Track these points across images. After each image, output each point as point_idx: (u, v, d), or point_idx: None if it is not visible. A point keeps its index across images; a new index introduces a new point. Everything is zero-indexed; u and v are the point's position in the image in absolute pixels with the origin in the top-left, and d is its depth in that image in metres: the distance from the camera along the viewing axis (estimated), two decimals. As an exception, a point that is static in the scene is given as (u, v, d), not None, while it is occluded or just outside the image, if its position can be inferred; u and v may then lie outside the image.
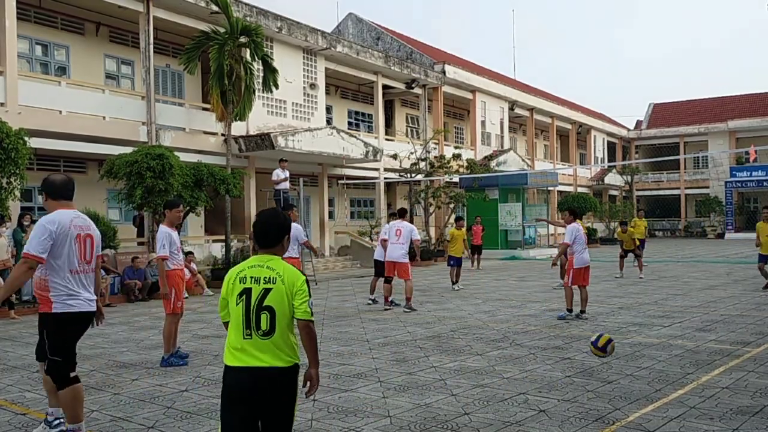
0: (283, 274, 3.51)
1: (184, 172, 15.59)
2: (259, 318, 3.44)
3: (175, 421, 5.50)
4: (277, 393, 3.44)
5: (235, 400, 3.42)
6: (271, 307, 3.45)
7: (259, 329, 3.44)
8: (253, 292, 3.47)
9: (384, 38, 32.89)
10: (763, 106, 47.56)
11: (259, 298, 3.46)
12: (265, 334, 3.43)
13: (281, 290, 3.47)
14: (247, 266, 3.57)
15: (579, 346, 8.31)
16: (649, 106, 54.93)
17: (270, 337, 3.44)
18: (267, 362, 3.41)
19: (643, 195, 49.55)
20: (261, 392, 3.41)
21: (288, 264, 3.62)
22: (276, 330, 3.44)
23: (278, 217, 3.75)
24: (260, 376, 3.40)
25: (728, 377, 6.59)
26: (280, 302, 3.46)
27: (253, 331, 3.44)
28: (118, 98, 17.48)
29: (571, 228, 11.07)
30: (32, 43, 17.54)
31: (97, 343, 9.43)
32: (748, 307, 11.56)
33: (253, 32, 18.01)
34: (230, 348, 3.48)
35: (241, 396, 3.41)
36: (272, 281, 3.49)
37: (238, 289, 3.51)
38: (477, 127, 32.60)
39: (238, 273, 3.55)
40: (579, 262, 10.80)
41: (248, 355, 3.43)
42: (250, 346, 3.44)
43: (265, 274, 3.51)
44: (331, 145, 21.31)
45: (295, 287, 3.50)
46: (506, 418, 5.41)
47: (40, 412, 5.86)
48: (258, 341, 3.43)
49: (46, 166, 17.55)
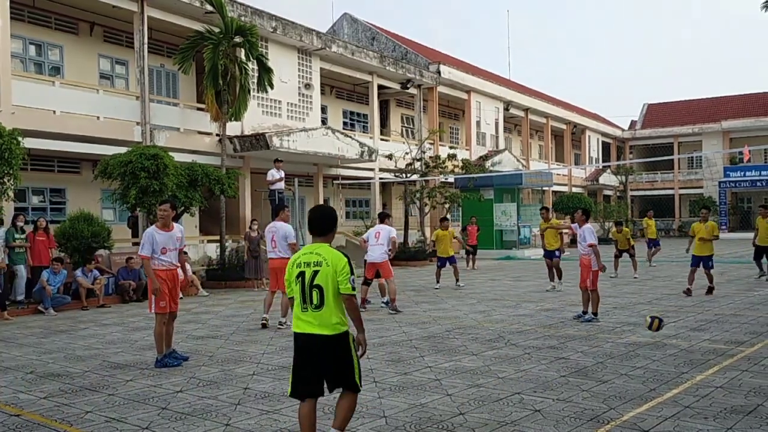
0: (328, 258, 4.37)
1: (179, 172, 15.55)
2: (311, 294, 4.34)
3: (170, 422, 5.49)
4: (328, 353, 4.34)
5: (298, 353, 4.45)
6: (320, 285, 4.33)
7: (312, 303, 4.35)
8: (306, 274, 4.38)
9: (379, 38, 32.89)
10: (757, 107, 47.77)
11: (311, 278, 4.35)
12: (316, 307, 4.34)
13: (327, 271, 4.32)
14: (301, 254, 4.48)
15: (574, 346, 8.32)
16: (644, 107, 55.09)
17: (320, 310, 4.33)
18: (317, 330, 4.33)
19: (637, 195, 49.69)
20: (315, 352, 4.35)
21: (333, 249, 4.45)
22: (325, 304, 4.32)
23: (329, 212, 4.64)
24: (313, 341, 4.35)
25: (722, 377, 6.61)
26: (326, 281, 4.32)
27: (308, 305, 4.37)
28: (112, 98, 17.44)
29: (588, 228, 10.77)
30: (26, 42, 17.47)
31: (92, 344, 9.40)
32: (741, 307, 11.60)
33: (247, 32, 17.99)
34: (295, 317, 4.47)
35: (302, 353, 4.41)
36: (319, 264, 4.36)
37: (295, 272, 4.44)
38: (472, 127, 32.63)
39: (295, 259, 4.50)
40: (595, 264, 10.55)
41: (305, 323, 4.39)
42: (306, 316, 4.38)
43: (313, 259, 4.39)
44: (327, 145, 21.30)
45: (338, 268, 4.34)
46: (501, 418, 5.41)
47: (34, 414, 5.84)
48: (312, 313, 4.36)
49: (40, 166, 17.51)
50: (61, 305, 13.16)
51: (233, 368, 7.51)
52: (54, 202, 18.08)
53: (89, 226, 14.47)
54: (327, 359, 4.35)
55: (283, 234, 10.46)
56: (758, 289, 14.15)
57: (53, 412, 5.86)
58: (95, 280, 13.90)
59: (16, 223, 13.44)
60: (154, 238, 7.69)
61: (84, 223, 14.49)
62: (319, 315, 4.34)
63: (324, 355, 4.35)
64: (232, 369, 7.47)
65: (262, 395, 6.28)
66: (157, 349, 7.76)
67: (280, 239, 10.44)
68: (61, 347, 9.16)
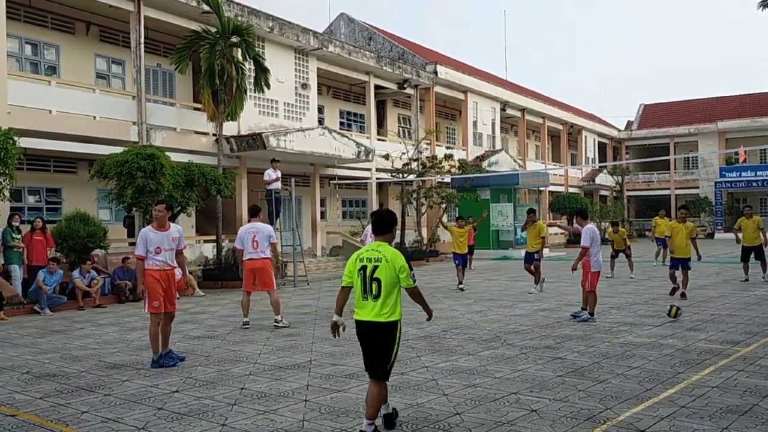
0: (387, 255, 4.99)
1: (175, 172, 15.52)
2: (371, 286, 4.96)
3: (167, 422, 5.48)
4: (378, 336, 4.96)
5: (361, 339, 5.10)
6: (379, 278, 4.95)
7: (371, 293, 4.96)
8: (367, 268, 5.00)
9: (376, 38, 32.89)
10: (753, 107, 47.88)
11: (371, 272, 4.97)
12: (375, 297, 4.95)
13: (386, 267, 4.94)
14: (364, 250, 5.13)
15: (570, 346, 8.34)
16: (640, 107, 55.18)
17: (378, 300, 4.94)
18: (374, 318, 4.95)
19: (633, 195, 49.77)
20: (370, 337, 5.00)
21: (393, 248, 5.08)
22: (382, 295, 4.93)
23: (389, 215, 5.28)
24: (370, 327, 4.98)
25: (718, 376, 6.62)
26: (384, 275, 4.94)
27: (368, 295, 4.98)
28: (108, 98, 17.39)
29: (586, 230, 10.69)
30: (22, 42, 17.42)
31: (88, 344, 9.39)
32: (737, 307, 11.63)
33: (244, 32, 17.97)
34: (356, 307, 5.07)
35: (363, 339, 5.07)
36: (379, 261, 4.98)
37: (358, 266, 5.06)
38: (469, 127, 32.64)
39: (358, 255, 5.14)
40: (597, 265, 10.51)
41: (364, 311, 5.01)
42: (365, 305, 5.00)
43: (374, 255, 5.01)
44: (323, 145, 21.28)
45: (397, 265, 4.95)
46: (498, 417, 5.42)
47: (30, 414, 5.83)
48: (370, 302, 4.97)
49: (36, 166, 17.46)
50: (57, 305, 13.13)
51: (230, 368, 7.50)
52: (50, 202, 18.03)
53: (85, 226, 14.43)
54: (375, 342, 4.98)
55: (267, 234, 10.38)
56: (754, 289, 14.20)
57: (49, 413, 5.85)
58: (92, 280, 13.87)
59: (12, 223, 13.40)
60: (147, 238, 7.69)
61: (80, 223, 14.45)
62: (377, 304, 4.95)
63: (374, 339, 4.98)
64: (229, 369, 7.46)
65: (258, 395, 6.27)
66: (152, 349, 7.76)
67: (263, 239, 10.32)
68: (57, 347, 9.14)
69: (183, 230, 8.31)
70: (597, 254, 10.56)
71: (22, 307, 12.98)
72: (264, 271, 10.37)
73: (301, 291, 16.42)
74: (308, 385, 6.61)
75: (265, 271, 10.39)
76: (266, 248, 10.36)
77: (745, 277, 15.87)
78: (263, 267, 10.35)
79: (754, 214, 16.28)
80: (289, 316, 11.80)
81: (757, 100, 49.02)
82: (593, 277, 10.53)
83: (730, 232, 41.40)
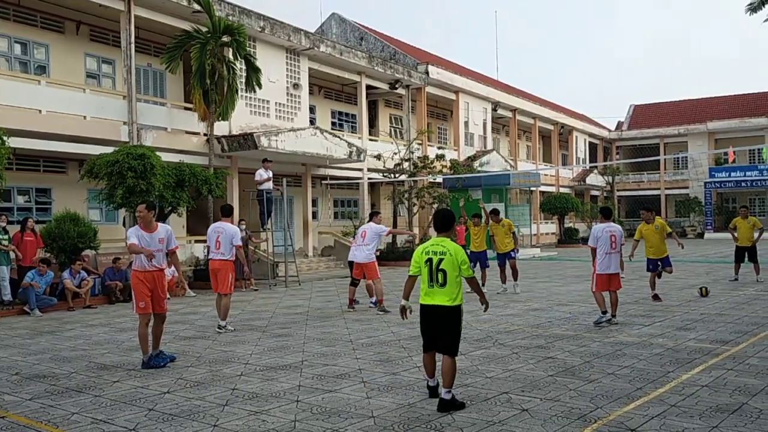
0: (450, 249, 5.82)
1: (166, 172, 15.46)
2: (438, 275, 5.79)
3: (158, 423, 5.46)
4: (445, 319, 5.79)
5: (424, 319, 5.91)
6: (444, 269, 5.77)
7: (438, 282, 5.80)
8: (433, 260, 5.82)
9: (367, 38, 32.88)
10: (742, 108, 48.21)
11: (437, 263, 5.80)
12: (441, 285, 5.79)
13: (450, 259, 5.77)
14: (429, 245, 5.95)
15: (561, 346, 8.37)
16: (630, 108, 55.45)
17: (444, 287, 5.78)
18: (441, 302, 5.79)
19: (624, 195, 49.99)
20: (437, 318, 5.82)
21: (454, 243, 5.89)
22: (447, 283, 5.77)
23: (449, 214, 6.15)
24: (436, 310, 5.81)
25: (708, 375, 6.67)
26: (449, 266, 5.77)
27: (434, 283, 5.81)
28: (99, 97, 17.30)
29: (593, 229, 10.23)
30: (11, 41, 17.31)
31: (78, 344, 9.34)
32: (727, 306, 11.70)
33: (235, 31, 17.92)
34: (422, 293, 5.90)
35: (427, 319, 5.89)
36: (444, 254, 5.81)
37: (425, 258, 5.89)
38: (460, 127, 32.69)
39: (424, 248, 5.96)
40: (599, 266, 9.97)
41: (431, 297, 5.83)
42: (432, 292, 5.83)
43: (439, 249, 5.85)
44: (315, 146, 21.25)
45: (459, 258, 5.79)
46: (489, 417, 5.43)
47: (19, 416, 5.79)
48: (437, 289, 5.81)
49: (26, 166, 17.35)
50: (47, 306, 13.05)
51: (221, 369, 7.48)
52: (40, 202, 17.93)
53: (75, 227, 14.36)
54: (443, 324, 5.79)
55: (230, 235, 10.17)
56: (743, 289, 14.29)
57: (39, 414, 5.82)
58: (82, 281, 13.80)
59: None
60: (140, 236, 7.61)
61: (70, 224, 14.38)
62: (443, 291, 5.76)
63: (441, 321, 5.79)
64: (220, 370, 7.44)
65: (250, 396, 6.26)
66: (142, 350, 7.70)
67: (225, 241, 10.13)
68: (47, 348, 9.09)
69: (172, 230, 8.19)
70: (603, 256, 9.94)
71: (11, 308, 12.89)
72: (221, 273, 10.12)
73: (292, 291, 16.40)
74: (300, 386, 6.60)
75: (221, 273, 10.13)
76: (228, 250, 10.12)
77: (734, 276, 15.96)
78: (221, 268, 10.12)
79: (750, 214, 16.28)
80: (281, 317, 11.79)
81: (746, 100, 49.36)
82: (597, 279, 9.99)
83: (719, 232, 41.77)
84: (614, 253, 9.93)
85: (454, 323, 5.80)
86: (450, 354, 5.75)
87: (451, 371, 5.71)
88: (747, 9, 21.39)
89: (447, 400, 5.66)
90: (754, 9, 21.22)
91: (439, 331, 5.82)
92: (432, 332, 5.88)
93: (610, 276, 9.96)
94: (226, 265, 10.16)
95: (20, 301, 13.02)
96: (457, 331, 5.84)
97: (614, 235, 9.88)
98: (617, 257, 10.00)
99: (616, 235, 9.90)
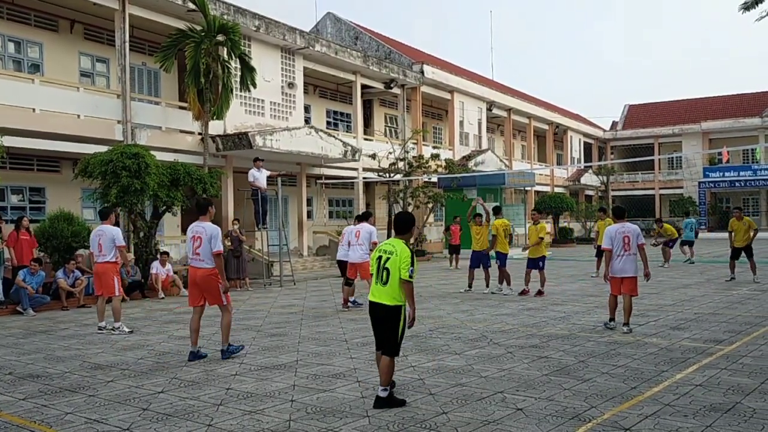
0: (398, 250, 5.77)
1: (161, 171, 15.42)
2: (382, 274, 5.79)
3: (152, 423, 5.45)
4: (384, 318, 5.81)
5: (371, 317, 5.98)
6: (388, 268, 5.77)
7: (381, 280, 5.80)
8: (382, 258, 5.85)
9: (362, 38, 32.85)
10: (736, 108, 48.41)
11: (384, 262, 5.81)
12: (384, 283, 5.79)
13: (395, 259, 5.74)
14: (383, 245, 5.99)
15: (556, 345, 8.38)
16: (625, 108, 55.62)
17: (386, 286, 5.77)
18: (382, 300, 5.79)
19: (618, 195, 50.13)
20: (378, 317, 5.87)
21: (404, 245, 5.85)
22: (389, 283, 5.74)
23: (408, 217, 6.14)
24: (378, 308, 5.83)
25: (701, 375, 6.69)
26: (393, 266, 5.73)
27: (379, 281, 5.83)
28: (93, 96, 17.24)
29: (606, 230, 9.79)
30: (5, 40, 17.24)
31: (72, 344, 9.30)
32: (720, 306, 11.74)
33: (230, 30, 17.87)
34: (371, 289, 5.96)
35: (373, 316, 5.95)
36: (391, 253, 5.79)
37: (376, 255, 5.93)
38: (455, 127, 32.71)
39: (380, 247, 5.98)
40: (612, 269, 9.43)
41: (375, 295, 5.87)
42: (377, 289, 5.85)
43: (389, 249, 5.85)
44: (310, 145, 21.24)
45: (402, 259, 5.70)
46: (484, 417, 5.43)
47: (13, 416, 5.77)
48: (380, 287, 5.81)
49: (19, 165, 17.28)
50: (40, 305, 13.00)
51: (215, 368, 7.47)
52: (33, 201, 17.86)
53: (69, 226, 14.31)
54: (382, 322, 5.83)
55: (111, 237, 10.16)
56: (737, 288, 14.34)
57: (32, 414, 5.80)
58: (76, 280, 13.75)
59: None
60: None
61: (64, 223, 14.33)
62: (385, 289, 5.77)
63: (381, 320, 5.83)
64: (215, 369, 7.43)
65: (244, 395, 6.25)
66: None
67: (107, 243, 10.12)
68: (41, 348, 9.05)
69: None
70: (615, 258, 9.39)
71: (4, 307, 12.84)
72: (104, 276, 10.28)
73: (287, 291, 16.38)
74: (294, 385, 6.59)
75: (104, 276, 10.29)
76: (110, 252, 10.16)
77: (731, 275, 15.98)
78: (103, 271, 10.24)
79: (744, 215, 16.34)
80: (276, 316, 11.78)
81: (740, 100, 49.57)
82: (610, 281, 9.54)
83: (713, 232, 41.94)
84: (627, 255, 9.33)
85: (393, 322, 5.78)
86: (388, 354, 5.78)
87: (386, 370, 5.75)
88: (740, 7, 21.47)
89: (382, 398, 5.72)
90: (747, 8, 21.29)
91: (379, 330, 5.87)
92: (376, 330, 5.94)
93: (623, 279, 9.37)
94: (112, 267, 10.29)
95: (12, 300, 12.96)
96: (396, 331, 5.78)
97: (627, 236, 9.33)
98: (631, 259, 9.37)
99: (630, 236, 9.32)
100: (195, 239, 7.96)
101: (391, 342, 5.78)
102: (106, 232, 10.19)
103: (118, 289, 10.31)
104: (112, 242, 10.11)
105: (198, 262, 7.98)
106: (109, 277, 10.18)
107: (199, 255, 7.94)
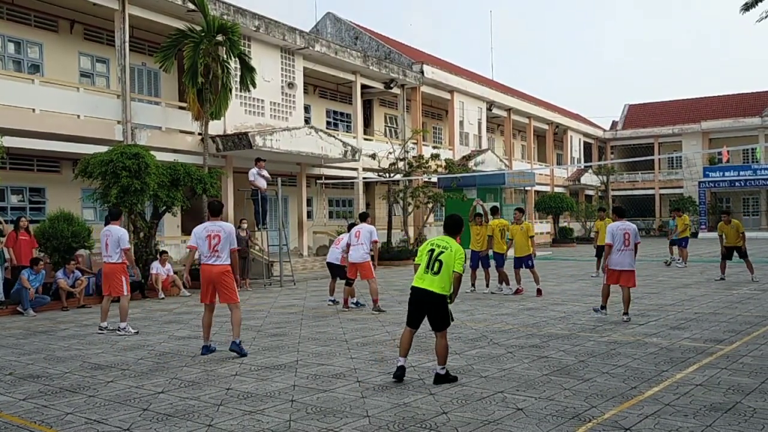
0: (453, 247, 6.65)
1: (161, 171, 15.42)
2: (434, 264, 6.59)
3: (152, 423, 5.45)
4: (433, 305, 6.59)
5: (413, 300, 6.72)
6: (441, 260, 6.57)
7: (432, 270, 6.59)
8: (435, 251, 6.67)
9: (362, 38, 32.85)
10: (736, 108, 48.39)
11: (437, 254, 6.62)
12: (435, 273, 6.58)
13: (449, 254, 6.58)
14: (436, 239, 6.80)
15: (556, 345, 8.38)
16: (625, 107, 55.61)
17: (437, 276, 6.56)
18: (431, 288, 6.57)
19: (618, 195, 50.13)
20: (425, 302, 6.62)
21: (457, 243, 6.71)
22: (440, 273, 6.55)
23: (460, 220, 7.01)
24: (426, 294, 6.59)
25: (702, 374, 6.69)
26: (447, 259, 6.56)
27: (429, 271, 6.61)
28: (93, 97, 17.25)
29: (608, 227, 10.61)
30: (5, 40, 17.25)
31: (72, 344, 9.31)
32: (720, 306, 11.74)
33: (229, 30, 17.88)
34: (417, 276, 6.73)
35: (415, 300, 6.71)
36: (445, 249, 6.64)
37: (428, 247, 6.76)
38: (455, 127, 32.71)
39: (432, 241, 6.82)
40: (611, 262, 10.34)
41: (422, 281, 6.64)
42: (426, 277, 6.62)
43: (444, 244, 6.69)
44: (310, 145, 21.24)
45: (456, 254, 6.57)
46: (484, 416, 5.43)
47: (13, 416, 5.77)
48: (431, 276, 6.59)
49: (19, 165, 17.29)
50: (40, 305, 13.00)
51: (215, 368, 7.47)
52: (33, 202, 17.86)
53: (69, 226, 14.31)
54: (432, 309, 6.58)
55: (116, 239, 10.17)
56: (737, 288, 14.34)
57: (33, 414, 5.80)
58: (76, 280, 13.76)
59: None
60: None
61: (64, 223, 14.32)
62: (436, 278, 6.55)
63: (430, 306, 6.58)
64: (215, 369, 7.43)
65: (244, 395, 6.25)
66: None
67: (113, 244, 10.13)
68: (41, 348, 9.05)
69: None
70: (614, 252, 10.27)
71: (5, 308, 12.84)
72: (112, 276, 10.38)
73: (287, 291, 16.38)
74: (295, 385, 6.60)
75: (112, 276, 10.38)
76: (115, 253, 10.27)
77: (720, 276, 16.07)
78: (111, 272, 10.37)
79: (732, 219, 16.57)
80: (276, 316, 11.78)
81: (740, 100, 49.57)
82: (608, 272, 10.47)
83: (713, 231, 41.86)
84: (626, 250, 10.26)
85: (442, 308, 6.58)
86: (440, 329, 6.57)
87: (442, 351, 6.52)
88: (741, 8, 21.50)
89: (441, 374, 6.51)
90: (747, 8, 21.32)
91: (429, 314, 6.62)
92: (417, 312, 6.68)
93: (621, 272, 10.29)
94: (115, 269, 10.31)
95: (13, 301, 12.96)
96: (445, 312, 6.59)
97: (627, 232, 10.26)
98: (629, 254, 10.29)
99: (630, 233, 10.26)
100: (213, 237, 8.31)
101: (444, 321, 6.57)
102: (113, 233, 10.22)
103: (126, 288, 10.35)
104: (117, 244, 10.14)
105: (215, 260, 8.36)
106: (117, 277, 10.24)
107: (218, 252, 8.33)
